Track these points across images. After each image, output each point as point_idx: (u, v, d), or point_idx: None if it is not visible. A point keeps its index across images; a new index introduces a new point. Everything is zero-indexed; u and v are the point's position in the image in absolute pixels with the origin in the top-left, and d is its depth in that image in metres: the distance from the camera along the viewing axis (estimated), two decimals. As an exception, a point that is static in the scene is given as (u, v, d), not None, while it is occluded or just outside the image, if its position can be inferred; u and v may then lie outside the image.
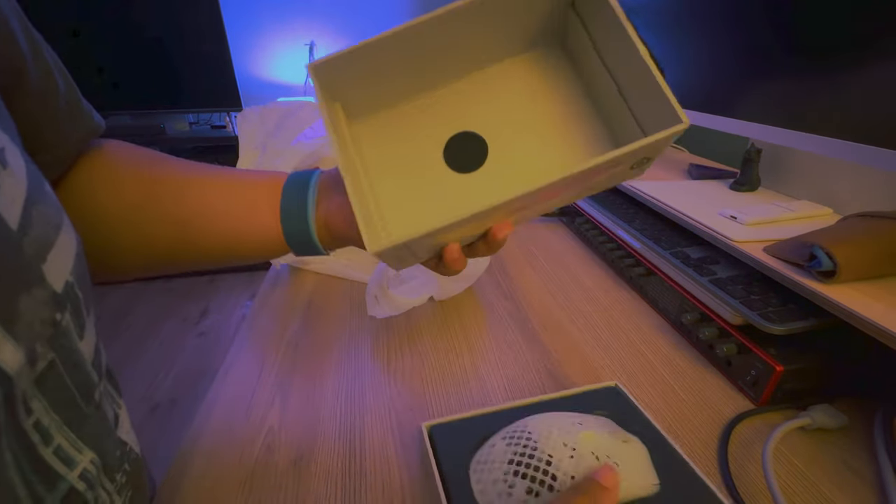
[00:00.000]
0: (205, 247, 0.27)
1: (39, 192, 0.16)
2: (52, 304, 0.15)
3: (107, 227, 0.25)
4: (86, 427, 0.17)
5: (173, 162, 0.28)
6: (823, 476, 0.27)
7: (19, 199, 0.14)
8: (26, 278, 0.14)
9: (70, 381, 0.16)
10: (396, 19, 2.39)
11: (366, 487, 0.27)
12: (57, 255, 0.15)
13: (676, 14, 0.54)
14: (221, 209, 0.26)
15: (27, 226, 0.14)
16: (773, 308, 0.33)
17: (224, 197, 0.27)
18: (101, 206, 0.25)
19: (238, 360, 0.38)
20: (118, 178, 0.26)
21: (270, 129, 0.51)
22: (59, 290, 0.15)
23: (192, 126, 1.94)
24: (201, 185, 0.27)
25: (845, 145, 0.35)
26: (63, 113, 0.23)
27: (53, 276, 0.15)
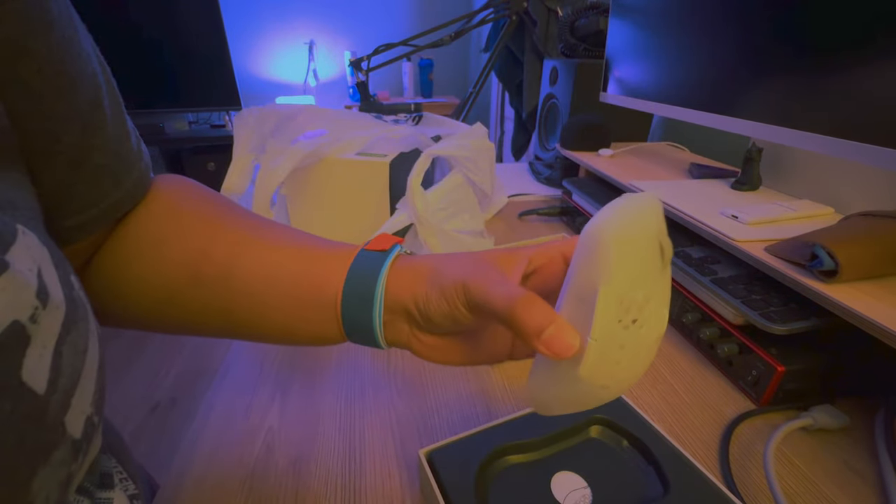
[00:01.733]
0: (259, 337, 0.23)
1: (72, 310, 0.13)
2: (69, 459, 0.13)
3: (146, 303, 0.22)
4: None
5: (222, 230, 0.23)
6: (825, 476, 0.27)
7: (50, 345, 0.12)
8: (48, 445, 0.12)
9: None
10: (396, 19, 2.38)
11: (365, 487, 0.27)
12: (81, 392, 0.13)
13: (677, 13, 0.54)
14: (271, 312, 0.22)
15: (56, 378, 0.12)
16: (774, 308, 0.33)
17: (272, 299, 0.22)
18: (142, 280, 0.22)
19: (238, 359, 0.38)
20: (162, 252, 0.22)
21: (268, 132, 0.51)
22: (78, 435, 0.13)
23: (191, 125, 1.94)
24: (248, 279, 0.22)
25: (847, 145, 0.35)
26: (105, 171, 0.21)
27: (75, 421, 0.13)
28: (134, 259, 0.22)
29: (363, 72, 0.89)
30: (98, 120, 0.20)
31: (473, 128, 0.58)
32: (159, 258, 0.22)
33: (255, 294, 0.22)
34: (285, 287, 0.21)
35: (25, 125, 0.17)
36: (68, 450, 0.13)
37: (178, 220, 0.23)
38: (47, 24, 0.17)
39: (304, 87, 2.39)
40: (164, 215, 0.23)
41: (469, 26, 0.95)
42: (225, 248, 0.22)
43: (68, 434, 0.13)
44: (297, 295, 0.21)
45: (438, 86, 2.49)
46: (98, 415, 0.15)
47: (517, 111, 1.25)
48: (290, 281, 0.21)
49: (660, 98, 0.58)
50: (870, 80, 0.34)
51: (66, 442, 0.13)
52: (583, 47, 0.85)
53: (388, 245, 0.22)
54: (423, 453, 0.25)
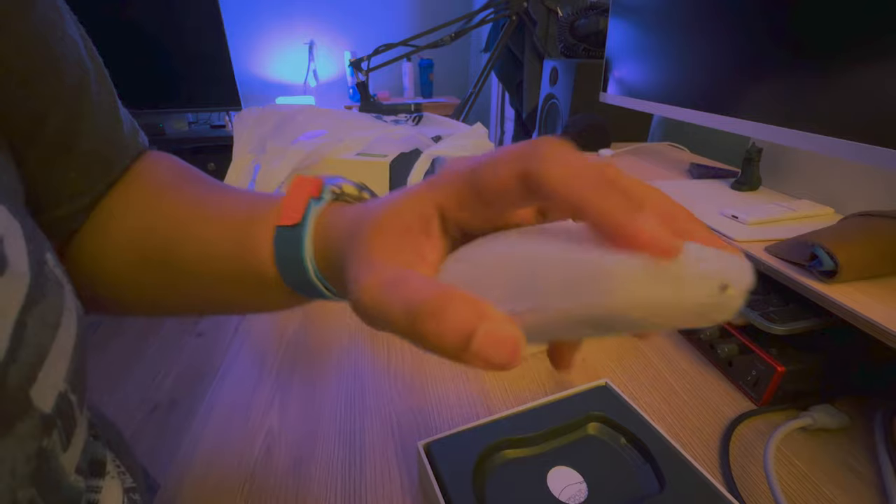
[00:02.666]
0: (218, 313, 0.23)
1: (40, 283, 0.13)
2: (38, 433, 0.13)
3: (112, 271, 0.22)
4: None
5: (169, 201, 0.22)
6: (825, 476, 0.27)
7: (12, 313, 0.12)
8: (8, 415, 0.12)
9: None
10: (396, 19, 2.38)
11: (365, 489, 0.27)
12: (50, 367, 0.13)
13: (677, 13, 0.54)
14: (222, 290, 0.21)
15: (17, 348, 0.12)
16: (774, 308, 0.33)
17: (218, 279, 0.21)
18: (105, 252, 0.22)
19: (237, 361, 0.38)
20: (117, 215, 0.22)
21: (267, 132, 0.51)
22: (48, 409, 0.13)
23: (191, 126, 1.94)
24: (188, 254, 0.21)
25: (847, 145, 0.35)
26: (95, 157, 0.21)
27: (42, 396, 0.13)
28: (87, 237, 0.22)
29: (363, 72, 0.89)
30: (85, 105, 0.20)
31: (473, 128, 0.58)
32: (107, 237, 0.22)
33: (198, 274, 0.21)
34: (223, 267, 0.21)
35: (9, 105, 0.17)
36: (36, 423, 0.13)
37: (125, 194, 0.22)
38: (28, 4, 0.17)
39: (304, 88, 2.39)
40: (122, 190, 0.23)
41: (469, 26, 0.95)
42: (166, 228, 0.21)
43: (35, 407, 0.13)
44: (236, 275, 0.20)
45: (438, 86, 2.49)
46: (76, 393, 0.15)
47: (517, 111, 1.25)
48: (225, 261, 0.20)
49: (660, 98, 0.58)
50: (869, 81, 0.34)
51: (34, 415, 0.13)
52: (583, 47, 0.85)
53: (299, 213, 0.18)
54: (422, 445, 0.25)
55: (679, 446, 0.25)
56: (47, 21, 0.18)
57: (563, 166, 0.11)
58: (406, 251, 0.13)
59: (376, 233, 0.14)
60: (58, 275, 0.15)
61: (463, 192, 0.13)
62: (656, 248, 0.10)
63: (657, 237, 0.10)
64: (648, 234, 0.10)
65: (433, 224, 0.14)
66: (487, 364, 0.10)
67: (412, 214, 0.14)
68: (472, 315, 0.10)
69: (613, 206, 0.10)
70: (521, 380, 0.35)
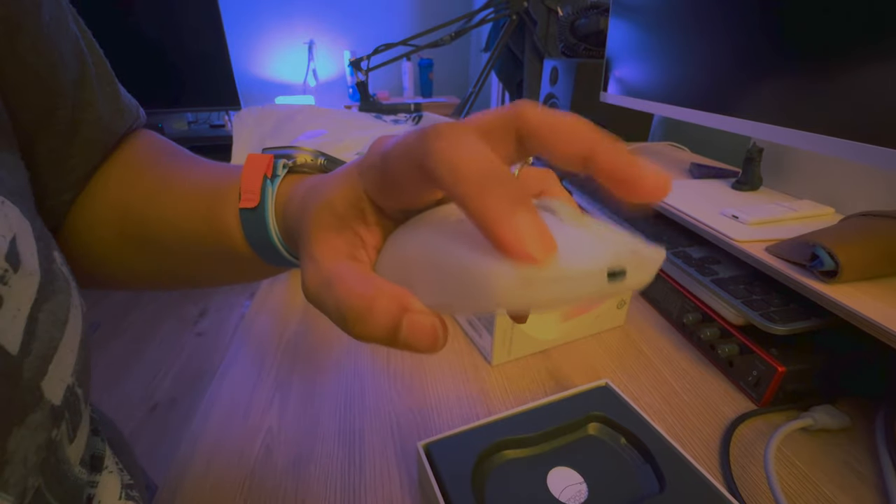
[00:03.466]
0: (196, 285, 0.24)
1: (49, 279, 0.14)
2: (48, 424, 0.13)
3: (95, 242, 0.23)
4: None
5: (147, 175, 0.23)
6: (825, 477, 0.27)
7: (25, 308, 0.13)
8: (23, 406, 0.12)
9: (52, 497, 0.14)
10: (396, 19, 2.38)
11: (365, 488, 0.27)
12: (60, 360, 0.14)
13: (678, 13, 0.54)
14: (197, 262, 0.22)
15: (30, 341, 0.13)
16: (774, 308, 0.33)
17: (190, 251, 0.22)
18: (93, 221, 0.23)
19: (237, 360, 0.38)
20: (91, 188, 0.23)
21: (267, 132, 0.51)
22: (58, 402, 0.14)
23: (190, 125, 1.94)
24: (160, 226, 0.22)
25: (848, 145, 0.35)
26: (98, 144, 0.22)
27: (53, 388, 0.13)
28: (73, 216, 0.23)
29: (363, 71, 0.89)
30: (87, 96, 0.21)
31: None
32: (90, 212, 0.22)
33: (174, 251, 0.22)
34: (197, 245, 0.21)
35: (22, 99, 0.17)
36: (46, 414, 0.13)
37: (107, 171, 0.23)
38: (37, 3, 0.18)
39: (303, 87, 2.38)
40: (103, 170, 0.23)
41: (469, 26, 0.95)
42: (141, 205, 0.22)
43: (46, 399, 0.13)
44: (211, 252, 0.21)
45: (438, 85, 2.49)
46: (81, 387, 0.15)
47: (517, 111, 1.25)
48: (197, 239, 0.21)
49: (660, 98, 0.58)
50: (870, 81, 0.34)
51: (45, 407, 0.13)
52: (583, 47, 0.85)
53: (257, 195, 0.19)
54: (422, 445, 0.25)
55: (679, 447, 0.25)
56: (53, 19, 0.19)
57: (448, 161, 0.10)
58: (344, 241, 0.14)
59: (315, 227, 0.14)
60: (65, 273, 0.16)
61: (378, 181, 0.13)
62: (527, 256, 0.09)
63: (528, 244, 0.09)
64: (519, 241, 0.09)
65: (367, 210, 0.14)
66: (415, 349, 0.11)
67: (345, 204, 0.14)
68: (396, 309, 0.11)
69: (489, 208, 0.09)
70: (521, 380, 0.35)
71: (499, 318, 0.33)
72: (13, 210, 0.14)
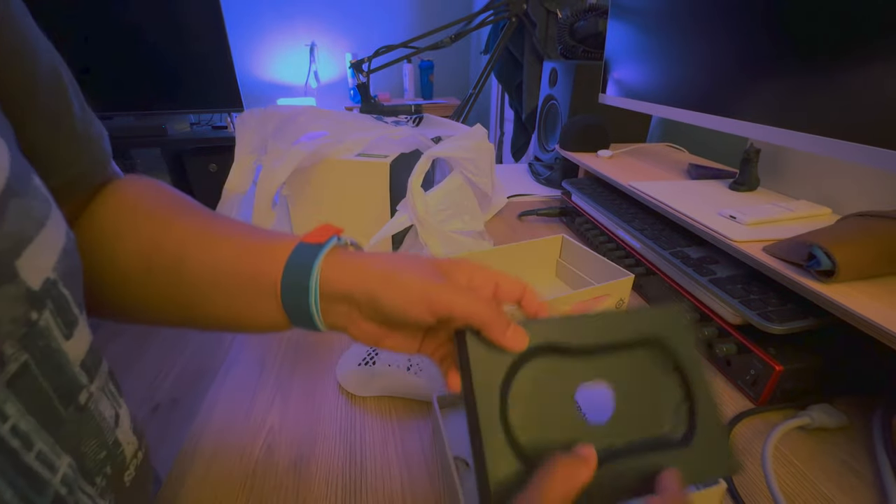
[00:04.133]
0: (211, 326, 0.25)
1: (23, 184, 0.15)
2: (25, 302, 0.14)
3: (109, 287, 0.24)
4: (62, 431, 0.16)
5: (176, 224, 0.25)
6: (823, 475, 0.28)
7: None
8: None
9: (46, 384, 0.15)
10: (396, 21, 2.39)
11: (366, 487, 0.27)
12: (36, 251, 0.15)
13: (676, 15, 0.54)
14: (217, 306, 0.24)
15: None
16: (772, 308, 0.33)
17: (217, 293, 0.24)
18: (105, 266, 0.24)
19: (238, 360, 0.38)
20: (121, 241, 0.24)
21: (269, 133, 0.51)
22: (36, 287, 0.15)
23: (193, 126, 1.94)
24: (196, 271, 0.24)
25: (844, 145, 0.35)
26: (76, 134, 0.23)
27: (29, 272, 0.14)
28: (94, 251, 0.24)
29: (364, 73, 0.89)
30: (62, 86, 0.22)
31: (473, 129, 0.58)
32: (115, 250, 0.24)
33: (202, 284, 0.24)
34: (229, 278, 0.23)
35: (8, 80, 0.19)
36: (23, 293, 0.14)
37: (133, 215, 0.25)
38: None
39: (305, 89, 2.39)
40: (121, 210, 0.25)
41: (469, 28, 0.95)
42: (175, 242, 0.24)
43: (21, 279, 0.14)
44: (240, 284, 0.23)
45: (439, 87, 2.49)
46: (69, 288, 0.17)
47: (517, 112, 1.25)
48: (232, 272, 0.23)
49: (658, 99, 0.58)
50: (866, 82, 0.34)
51: (20, 285, 0.14)
52: (582, 49, 0.86)
53: (325, 237, 0.23)
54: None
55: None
56: (20, 9, 0.20)
57: (464, 306, 0.21)
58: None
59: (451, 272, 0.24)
60: (45, 193, 0.17)
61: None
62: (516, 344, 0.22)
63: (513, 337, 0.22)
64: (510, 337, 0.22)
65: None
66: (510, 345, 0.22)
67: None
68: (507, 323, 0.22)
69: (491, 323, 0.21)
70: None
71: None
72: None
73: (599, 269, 0.45)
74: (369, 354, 0.35)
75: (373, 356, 0.34)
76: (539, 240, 0.49)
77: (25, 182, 0.15)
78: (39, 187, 0.16)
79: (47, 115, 0.21)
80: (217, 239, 0.24)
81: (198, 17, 1.65)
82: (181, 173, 1.84)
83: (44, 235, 0.15)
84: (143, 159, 1.84)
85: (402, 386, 0.33)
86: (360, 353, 0.35)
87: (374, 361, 0.34)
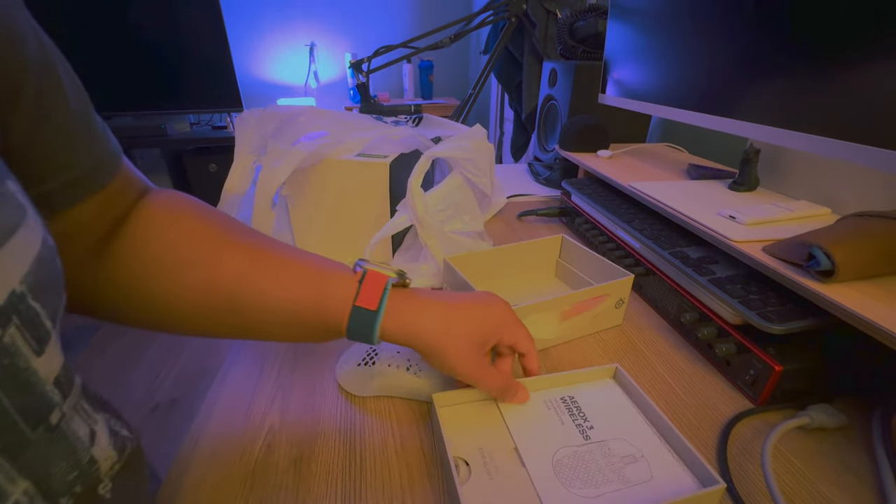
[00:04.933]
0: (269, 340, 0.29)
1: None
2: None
3: (158, 314, 0.25)
4: (25, 454, 0.15)
5: (230, 251, 0.26)
6: (822, 475, 0.28)
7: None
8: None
9: (10, 405, 0.14)
10: (396, 21, 2.39)
11: (366, 487, 0.27)
12: (2, 262, 0.14)
13: (676, 15, 0.54)
14: (281, 331, 0.27)
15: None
16: (771, 308, 0.33)
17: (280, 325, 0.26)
18: (157, 296, 0.25)
19: (238, 359, 0.38)
20: (176, 273, 0.25)
21: (269, 133, 0.51)
22: (0, 301, 0.14)
23: (192, 127, 1.94)
24: (259, 302, 0.25)
25: (844, 146, 0.35)
26: (73, 133, 0.22)
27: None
28: (151, 279, 0.25)
29: (364, 73, 0.89)
30: (54, 79, 0.21)
31: (473, 129, 0.58)
32: (175, 280, 0.25)
33: (260, 324, 0.26)
34: (286, 326, 0.27)
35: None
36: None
37: (190, 241, 0.26)
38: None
39: (304, 89, 2.39)
40: (181, 239, 0.26)
41: (469, 28, 0.95)
42: (230, 278, 0.25)
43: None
44: (300, 333, 0.27)
45: (438, 87, 2.49)
46: (39, 301, 0.16)
47: (516, 112, 1.25)
48: (290, 322, 0.26)
49: (658, 99, 0.58)
50: (866, 82, 0.34)
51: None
52: (582, 49, 0.86)
53: (376, 301, 0.26)
54: None
55: (677, 429, 0.27)
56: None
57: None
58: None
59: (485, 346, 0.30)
60: (20, 200, 0.16)
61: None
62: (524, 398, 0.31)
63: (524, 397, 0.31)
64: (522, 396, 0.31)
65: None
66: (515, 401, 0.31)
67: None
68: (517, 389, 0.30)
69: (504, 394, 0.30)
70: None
71: None
72: None
73: (599, 269, 0.45)
74: (368, 354, 0.35)
75: (372, 356, 0.34)
76: (539, 240, 0.49)
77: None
78: (13, 193, 0.16)
79: (36, 109, 0.20)
80: (270, 281, 0.26)
81: (198, 17, 1.65)
82: (181, 173, 1.84)
83: (12, 245, 0.14)
84: (144, 159, 1.84)
85: (402, 386, 0.33)
86: (359, 354, 0.35)
87: (373, 362, 0.34)
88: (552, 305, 0.37)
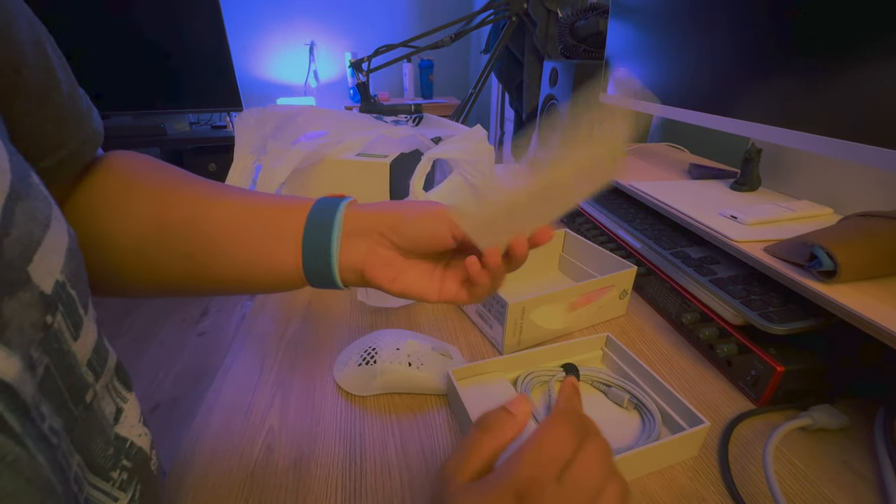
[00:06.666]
0: (217, 281, 0.26)
1: (24, 186, 0.15)
2: (40, 307, 0.14)
3: (115, 255, 0.24)
4: (75, 430, 0.16)
5: (187, 186, 0.26)
6: (824, 476, 0.27)
7: (0, 196, 0.14)
8: (10, 281, 0.13)
9: (62, 385, 0.16)
10: (396, 20, 2.39)
11: (366, 487, 0.27)
12: (45, 255, 0.15)
13: (677, 15, 0.54)
14: (235, 249, 0.25)
15: (8, 225, 0.14)
16: (773, 308, 0.33)
17: (239, 234, 0.25)
18: (110, 234, 0.24)
19: (238, 359, 0.38)
20: (129, 204, 0.25)
21: (268, 132, 0.51)
22: (48, 291, 0.15)
23: (192, 126, 1.94)
24: (216, 219, 0.25)
25: (846, 145, 0.35)
26: (66, 112, 0.23)
27: (41, 276, 0.14)
28: (103, 213, 0.25)
29: (364, 73, 0.89)
30: (47, 61, 0.21)
31: (473, 130, 0.58)
32: (127, 211, 0.25)
33: (221, 232, 0.25)
34: (251, 223, 0.25)
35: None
36: (37, 298, 0.14)
37: (139, 182, 0.26)
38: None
39: (304, 88, 2.39)
40: (125, 179, 0.26)
41: (469, 27, 0.95)
42: (189, 200, 0.25)
43: (34, 284, 0.14)
44: (262, 228, 0.25)
45: (438, 87, 2.49)
46: (75, 289, 0.17)
47: (517, 112, 1.25)
48: (256, 217, 0.26)
49: (659, 99, 0.58)
50: (868, 81, 0.34)
51: (34, 290, 0.14)
52: (583, 48, 0.85)
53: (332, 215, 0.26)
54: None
55: (669, 386, 0.26)
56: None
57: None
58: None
59: None
60: (45, 192, 0.17)
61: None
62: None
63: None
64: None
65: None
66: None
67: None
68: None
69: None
70: (520, 379, 0.35)
71: (509, 310, 0.36)
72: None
73: (602, 262, 0.45)
74: (368, 353, 0.34)
75: (372, 355, 0.34)
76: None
77: (27, 183, 0.15)
78: (39, 185, 0.16)
79: (34, 91, 0.20)
80: (239, 194, 0.26)
81: (197, 16, 1.65)
82: (181, 173, 1.83)
83: (50, 237, 0.15)
84: (143, 159, 1.84)
85: (405, 381, 0.33)
86: (357, 354, 0.35)
87: (374, 361, 0.34)
88: (560, 297, 0.39)
